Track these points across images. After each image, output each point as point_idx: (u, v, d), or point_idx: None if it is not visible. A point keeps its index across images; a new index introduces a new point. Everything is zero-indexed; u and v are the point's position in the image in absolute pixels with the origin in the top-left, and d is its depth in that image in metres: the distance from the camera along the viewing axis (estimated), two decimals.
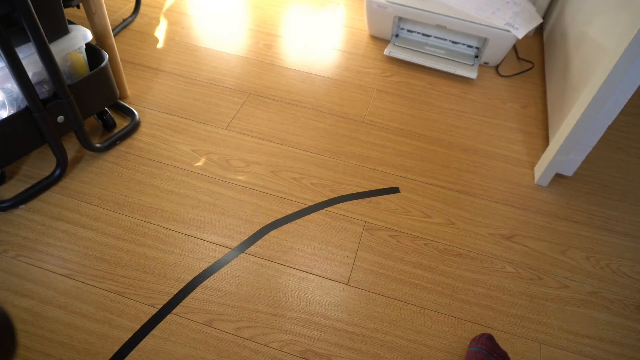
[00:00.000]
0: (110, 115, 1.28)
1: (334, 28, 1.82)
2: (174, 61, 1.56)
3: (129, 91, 1.43)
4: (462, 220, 1.16)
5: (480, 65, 1.69)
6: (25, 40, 1.01)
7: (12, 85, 1.02)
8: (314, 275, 1.01)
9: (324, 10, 1.90)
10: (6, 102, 1.02)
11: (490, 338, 0.94)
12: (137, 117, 1.32)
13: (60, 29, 1.08)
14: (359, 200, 1.18)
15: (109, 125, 1.28)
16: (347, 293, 0.99)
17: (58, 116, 1.08)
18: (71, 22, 1.13)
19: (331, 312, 0.95)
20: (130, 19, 1.74)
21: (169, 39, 1.67)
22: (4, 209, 1.07)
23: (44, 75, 1.06)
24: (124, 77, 1.38)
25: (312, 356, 0.89)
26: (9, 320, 0.18)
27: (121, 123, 1.32)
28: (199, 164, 1.22)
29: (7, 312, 0.18)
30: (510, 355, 0.92)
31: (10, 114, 1.02)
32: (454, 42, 1.71)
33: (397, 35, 1.76)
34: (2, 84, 1.00)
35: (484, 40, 1.61)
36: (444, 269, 1.05)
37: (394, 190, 1.22)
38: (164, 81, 1.48)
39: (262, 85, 1.50)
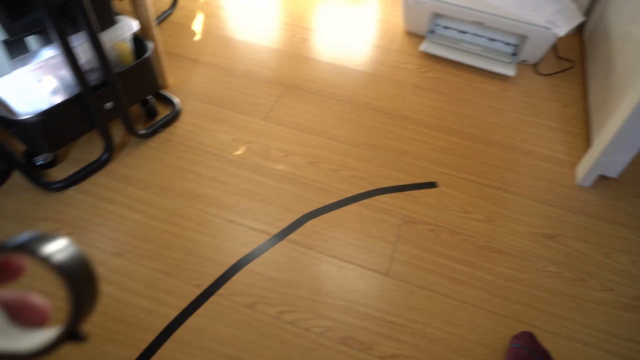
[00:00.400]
0: (153, 103, 1.31)
1: (369, 23, 1.82)
2: (211, 53, 1.59)
3: (170, 81, 1.46)
4: (501, 217, 1.15)
5: (518, 63, 1.67)
6: (77, 30, 1.03)
7: (66, 73, 1.05)
8: (354, 264, 1.02)
9: (359, 4, 1.90)
10: (60, 89, 1.05)
11: (531, 336, 0.93)
12: (178, 105, 1.35)
13: (109, 20, 1.11)
14: (397, 193, 1.18)
15: (151, 113, 1.31)
16: (387, 284, 0.99)
17: (106, 103, 1.11)
18: (118, 14, 1.16)
19: (371, 301, 0.96)
20: (169, 12, 1.78)
21: (206, 31, 1.69)
22: (57, 189, 1.10)
23: (94, 63, 1.09)
24: (165, 68, 1.41)
25: (353, 343, 0.90)
26: (91, 268, 0.20)
27: (162, 112, 1.35)
28: (239, 152, 1.24)
29: (90, 260, 0.19)
30: (553, 355, 0.91)
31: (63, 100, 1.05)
32: (491, 39, 1.70)
33: (432, 32, 1.75)
34: (57, 71, 1.03)
35: (523, 38, 1.59)
36: (484, 265, 1.05)
37: (432, 185, 1.21)
38: (203, 72, 1.50)
39: (299, 78, 1.51)
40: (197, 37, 1.66)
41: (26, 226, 1.04)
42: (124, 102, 1.14)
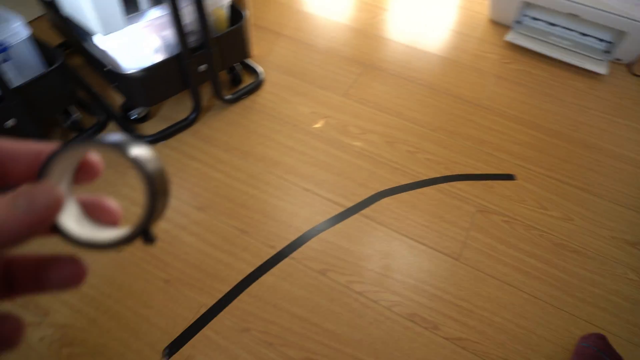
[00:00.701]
0: (239, 70, 1.35)
1: (452, 9, 1.78)
2: (294, 27, 1.62)
3: (254, 51, 1.50)
4: (581, 217, 1.11)
5: (610, 61, 1.58)
6: None
7: (168, 33, 1.11)
8: (425, 245, 1.02)
9: None
10: (161, 48, 1.11)
11: (601, 337, 0.90)
12: (262, 75, 1.39)
13: None
14: (473, 181, 1.16)
15: (236, 80, 1.36)
16: (457, 268, 0.99)
17: (201, 65, 1.16)
18: None
19: (440, 284, 0.96)
20: None
21: (289, 6, 1.72)
22: (148, 143, 1.18)
23: (194, 26, 1.14)
24: (252, 38, 1.45)
25: (419, 320, 0.91)
26: (166, 174, 0.22)
27: (246, 80, 1.39)
28: (318, 125, 1.27)
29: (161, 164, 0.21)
30: None
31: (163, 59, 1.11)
32: (582, 34, 1.61)
33: (519, 22, 1.69)
34: (161, 31, 1.09)
35: (621, 34, 1.50)
36: (559, 263, 1.02)
37: (510, 177, 1.19)
38: (285, 45, 1.53)
39: (379, 59, 1.51)
40: (280, 11, 1.69)
41: (119, 173, 1.12)
42: (216, 66, 1.19)
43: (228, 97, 1.29)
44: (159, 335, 0.87)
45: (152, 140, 1.18)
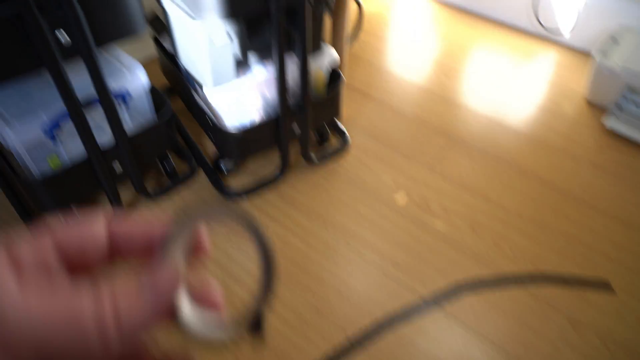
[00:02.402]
0: (327, 131, 1.36)
1: (544, 84, 1.71)
2: (383, 90, 1.62)
3: (343, 112, 1.50)
4: None
5: None
6: (288, 51, 1.07)
7: (267, 93, 1.13)
8: (508, 355, 0.95)
9: (534, 63, 1.81)
10: (261, 106, 1.14)
11: None
12: (349, 138, 1.39)
13: (317, 45, 1.15)
14: (563, 286, 1.08)
15: (324, 140, 1.37)
16: None
17: (294, 125, 1.17)
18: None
19: None
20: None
21: (378, 66, 1.73)
22: (232, 196, 1.20)
23: (293, 86, 1.15)
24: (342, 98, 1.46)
25: None
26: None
27: (331, 140, 1.40)
28: (399, 198, 1.24)
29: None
30: None
31: (259, 118, 1.14)
32: None
33: (620, 106, 1.59)
34: (263, 89, 1.12)
35: None
36: None
37: (606, 285, 1.09)
38: (373, 108, 1.54)
39: (468, 133, 1.47)
40: (369, 71, 1.70)
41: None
42: (309, 128, 1.19)
43: (314, 158, 1.29)
44: None
45: (237, 194, 1.20)
